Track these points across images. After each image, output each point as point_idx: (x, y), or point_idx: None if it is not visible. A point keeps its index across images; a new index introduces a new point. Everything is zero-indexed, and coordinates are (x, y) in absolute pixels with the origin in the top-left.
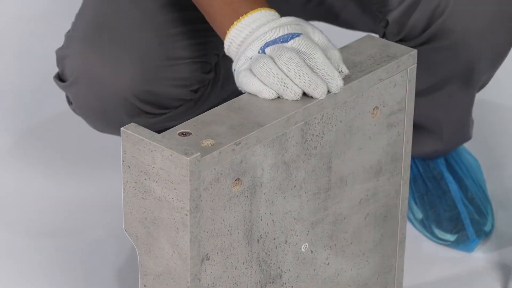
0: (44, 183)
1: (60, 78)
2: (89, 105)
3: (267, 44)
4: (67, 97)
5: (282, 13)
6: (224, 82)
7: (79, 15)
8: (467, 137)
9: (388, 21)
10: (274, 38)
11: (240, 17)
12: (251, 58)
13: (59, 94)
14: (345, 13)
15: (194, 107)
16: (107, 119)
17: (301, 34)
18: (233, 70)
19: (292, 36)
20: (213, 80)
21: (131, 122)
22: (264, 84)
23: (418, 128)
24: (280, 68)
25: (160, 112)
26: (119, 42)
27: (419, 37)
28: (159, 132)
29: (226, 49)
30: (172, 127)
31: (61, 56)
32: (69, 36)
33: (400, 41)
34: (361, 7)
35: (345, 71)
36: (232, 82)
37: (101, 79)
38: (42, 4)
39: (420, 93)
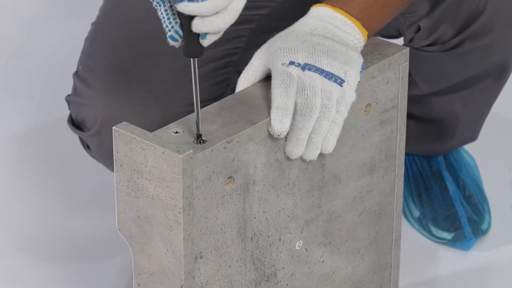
0: (41, 180)
1: (73, 123)
2: (110, 152)
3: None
4: (82, 141)
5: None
6: None
7: (89, 55)
8: (475, 136)
9: (419, 26)
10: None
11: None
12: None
13: (57, 99)
14: None
15: None
16: None
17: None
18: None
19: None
20: None
21: None
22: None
23: (429, 124)
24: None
25: None
26: (143, 89)
27: (449, 42)
28: None
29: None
30: None
31: (77, 102)
32: (82, 79)
33: (429, 45)
34: None
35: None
36: None
37: None
38: (42, 4)
39: (449, 90)
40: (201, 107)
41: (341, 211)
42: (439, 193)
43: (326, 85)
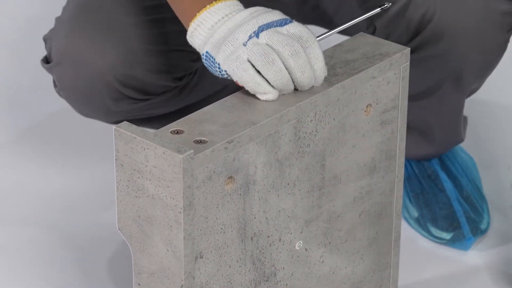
0: (40, 179)
1: (47, 61)
2: (73, 87)
3: (261, 28)
4: (54, 81)
5: None
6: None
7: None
8: (459, 139)
9: (375, 27)
10: (268, 22)
11: (214, 2)
12: (244, 44)
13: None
14: (338, 18)
15: (179, 96)
16: (91, 102)
17: (293, 20)
18: (203, 53)
19: (286, 21)
20: (201, 70)
21: (114, 106)
22: (271, 85)
23: (410, 131)
24: (284, 62)
25: (143, 98)
26: (104, 25)
27: (407, 45)
28: (144, 119)
29: (191, 32)
30: (159, 115)
31: (48, 38)
32: (57, 19)
33: None
34: (352, 13)
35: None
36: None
37: (85, 61)
38: (41, 4)
39: (411, 98)
40: (161, 50)
41: (341, 211)
42: (437, 193)
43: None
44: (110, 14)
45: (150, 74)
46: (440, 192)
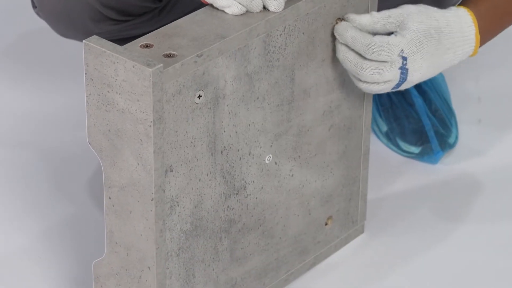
0: (11, 97)
1: None
2: (53, 8)
3: None
4: (32, 1)
5: None
6: None
7: None
8: None
9: None
10: None
11: None
12: None
13: (27, 11)
14: None
15: (159, 16)
16: (70, 23)
17: None
18: None
19: None
20: None
21: (94, 27)
22: None
23: None
24: None
25: (123, 19)
26: None
27: None
28: (125, 40)
29: None
30: (139, 35)
31: None
32: None
33: None
34: None
35: None
36: None
37: None
38: None
39: None
40: None
41: (311, 125)
42: (406, 108)
43: None
44: None
45: None
46: (410, 106)
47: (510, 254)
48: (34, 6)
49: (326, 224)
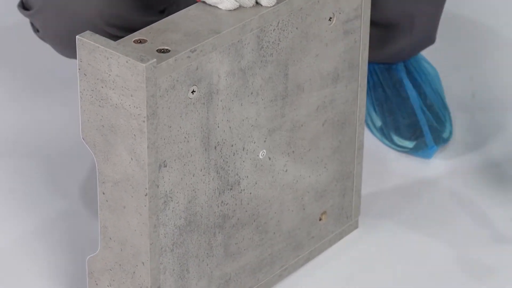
0: (4, 93)
1: (24, 6)
2: (58, 32)
3: None
4: (32, 25)
5: None
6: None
7: None
8: (433, 38)
9: None
10: None
11: None
12: None
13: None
14: None
15: None
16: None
17: None
18: None
19: None
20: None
21: None
22: None
23: (388, 26)
24: None
25: (127, 34)
26: None
27: None
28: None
29: None
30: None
31: None
32: None
33: None
34: None
35: None
36: None
37: (68, 5)
38: None
39: None
40: None
41: (304, 121)
42: (400, 102)
43: None
44: None
45: (135, 11)
46: (404, 100)
47: (505, 248)
48: (36, 30)
49: (320, 219)
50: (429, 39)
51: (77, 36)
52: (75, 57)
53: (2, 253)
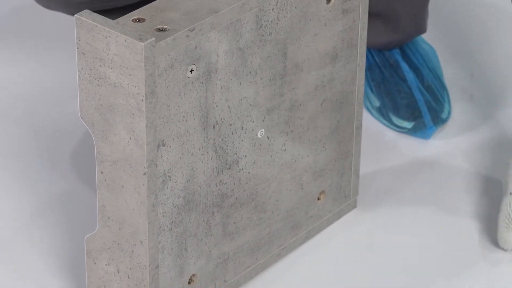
0: (3, 73)
1: None
2: None
3: None
4: None
5: None
6: None
7: None
8: (423, 29)
9: None
10: None
11: None
12: None
13: None
14: None
15: None
16: None
17: None
18: None
19: None
20: None
21: None
22: None
23: (374, 17)
24: None
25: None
26: None
27: None
28: (106, 11)
29: None
30: (123, 7)
31: None
32: None
33: None
34: None
35: None
36: None
37: None
38: None
39: None
40: None
41: (303, 100)
42: (398, 83)
43: None
44: None
45: None
46: (401, 81)
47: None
48: None
49: (318, 199)
50: (419, 30)
51: (75, 15)
52: (52, 8)
53: (0, 232)
